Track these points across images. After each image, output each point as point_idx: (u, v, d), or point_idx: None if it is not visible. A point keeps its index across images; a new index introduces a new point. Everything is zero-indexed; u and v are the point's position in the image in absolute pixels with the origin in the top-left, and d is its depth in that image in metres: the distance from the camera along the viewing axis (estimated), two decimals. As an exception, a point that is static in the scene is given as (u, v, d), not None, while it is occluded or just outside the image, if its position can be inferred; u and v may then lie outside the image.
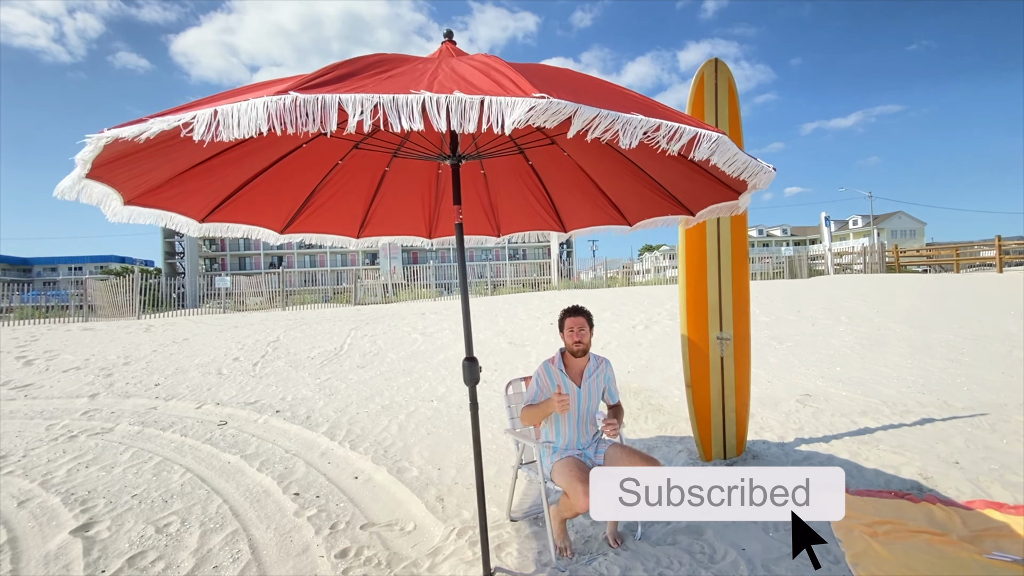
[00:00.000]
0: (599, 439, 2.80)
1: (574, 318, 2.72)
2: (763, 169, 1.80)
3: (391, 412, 5.29)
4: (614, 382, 2.86)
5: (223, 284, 19.59)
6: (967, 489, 3.17)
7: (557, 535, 2.59)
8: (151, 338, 9.58)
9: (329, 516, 3.13)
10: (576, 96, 1.33)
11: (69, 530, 2.99)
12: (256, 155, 2.41)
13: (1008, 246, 18.64)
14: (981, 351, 6.81)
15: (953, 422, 4.37)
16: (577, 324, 2.70)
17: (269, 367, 7.33)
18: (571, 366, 2.74)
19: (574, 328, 2.69)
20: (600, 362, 2.81)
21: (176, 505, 3.31)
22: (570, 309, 2.76)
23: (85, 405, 5.82)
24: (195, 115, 1.25)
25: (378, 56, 1.63)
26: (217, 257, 58.68)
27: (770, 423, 4.54)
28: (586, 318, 2.73)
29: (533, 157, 2.95)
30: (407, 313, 11.78)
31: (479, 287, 23.02)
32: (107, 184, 1.94)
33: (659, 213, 3.05)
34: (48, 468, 3.97)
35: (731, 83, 3.63)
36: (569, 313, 2.75)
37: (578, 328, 2.69)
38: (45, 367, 7.57)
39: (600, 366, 2.79)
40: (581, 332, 2.69)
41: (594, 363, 2.78)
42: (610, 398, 2.83)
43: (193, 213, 2.59)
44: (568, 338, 2.70)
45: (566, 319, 2.74)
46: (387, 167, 2.95)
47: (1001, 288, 11.99)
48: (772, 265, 23.11)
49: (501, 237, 3.66)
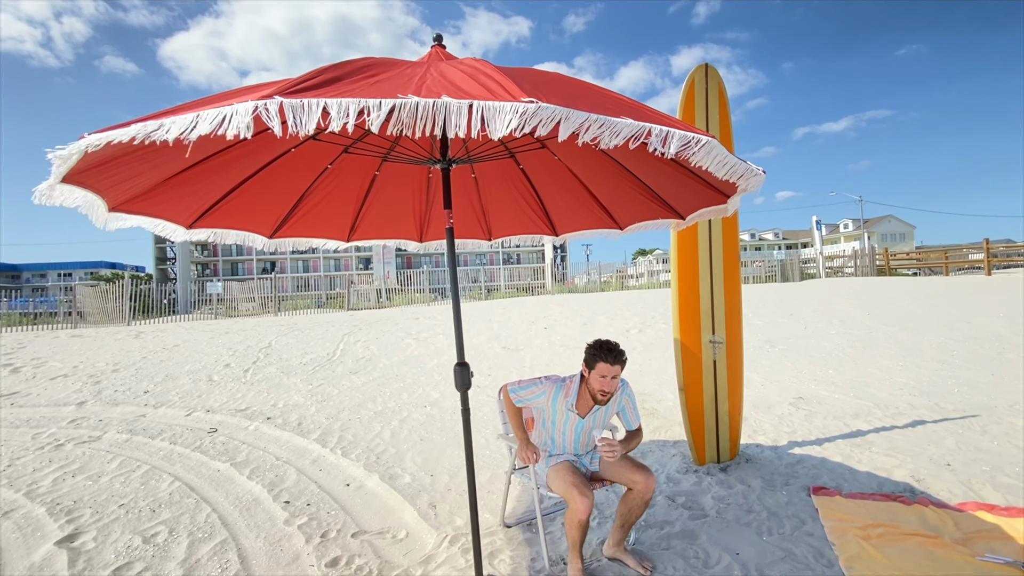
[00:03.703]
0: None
1: (611, 366, 2.28)
2: (752, 172, 1.80)
3: (384, 418, 5.25)
4: (632, 407, 2.53)
5: (215, 290, 19.42)
6: (959, 491, 3.18)
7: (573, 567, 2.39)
8: (141, 345, 9.47)
9: (320, 524, 3.09)
10: (565, 100, 1.33)
11: (54, 541, 2.93)
12: (244, 160, 2.38)
13: (996, 249, 18.89)
14: (971, 353, 6.87)
15: (944, 424, 4.40)
16: (612, 372, 2.29)
17: (260, 373, 7.26)
18: (583, 398, 2.46)
19: (607, 376, 2.29)
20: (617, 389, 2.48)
21: (164, 514, 3.25)
22: (607, 349, 2.28)
23: (72, 413, 5.73)
24: (176, 120, 1.24)
25: (366, 60, 1.62)
26: (209, 262, 58.25)
27: (763, 426, 4.55)
28: (623, 366, 2.32)
29: (524, 161, 2.95)
30: (401, 318, 11.74)
31: (473, 292, 23.00)
32: (90, 190, 1.91)
33: (649, 217, 3.05)
34: (34, 478, 3.89)
35: (721, 88, 3.66)
36: (607, 356, 2.28)
37: (611, 377, 2.29)
38: (32, 375, 7.45)
39: (615, 393, 2.45)
40: (613, 382, 2.31)
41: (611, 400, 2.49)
42: (626, 423, 2.53)
43: (180, 219, 2.56)
44: (596, 383, 2.32)
45: (601, 362, 2.28)
46: (377, 171, 2.94)
47: (990, 291, 12.13)
48: (764, 268, 23.26)
49: (492, 241, 3.65)
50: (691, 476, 3.54)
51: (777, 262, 23.19)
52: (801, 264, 22.99)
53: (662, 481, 3.50)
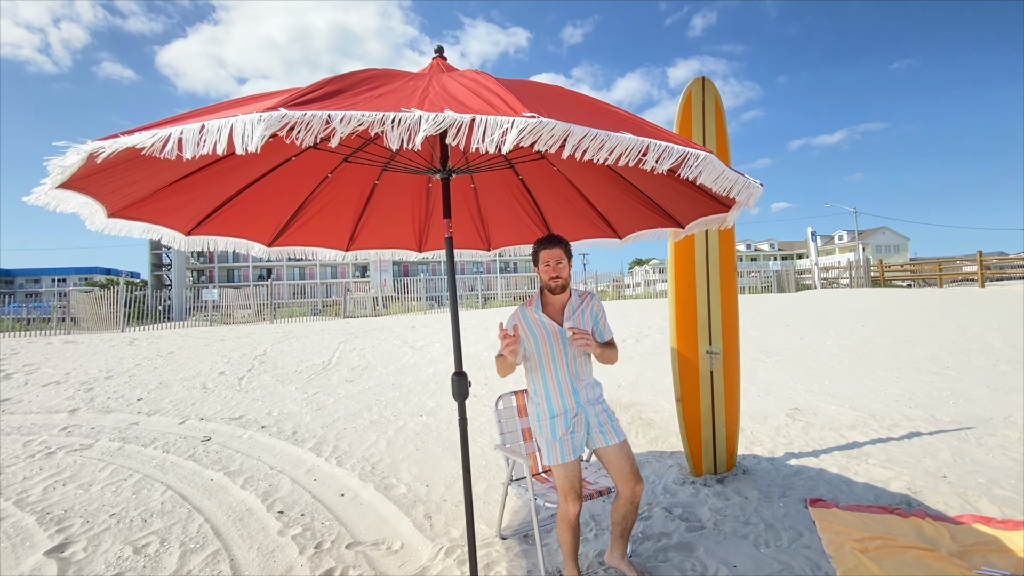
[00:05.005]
0: (600, 397, 2.47)
1: (549, 250, 2.36)
2: (750, 185, 1.82)
3: (379, 427, 5.22)
4: (603, 319, 2.49)
5: (210, 296, 19.34)
6: (955, 503, 3.18)
7: (568, 568, 2.44)
8: (135, 351, 9.40)
9: (314, 535, 3.05)
10: (566, 115, 1.34)
11: (43, 551, 2.88)
12: (244, 168, 2.39)
13: (989, 261, 19.06)
14: (966, 365, 6.90)
15: (940, 436, 4.41)
16: (553, 257, 2.35)
17: (255, 381, 7.22)
18: (550, 304, 2.43)
19: (550, 261, 2.35)
20: (585, 297, 2.48)
21: (156, 524, 3.21)
22: (544, 239, 2.40)
23: (64, 420, 5.67)
24: (182, 129, 1.24)
25: (369, 72, 1.64)
26: (205, 269, 58.05)
27: (760, 437, 4.54)
28: (563, 248, 2.38)
29: (523, 171, 2.97)
30: (397, 326, 11.71)
31: (470, 300, 22.98)
32: (90, 196, 1.92)
33: (649, 226, 3.06)
34: (24, 486, 3.84)
35: (718, 101, 3.70)
36: (543, 244, 2.38)
37: (555, 261, 2.35)
38: (24, 381, 7.38)
39: (585, 300, 2.46)
40: (559, 266, 2.36)
41: (577, 299, 2.45)
42: (599, 336, 2.46)
43: (179, 226, 2.57)
44: (544, 273, 2.37)
45: (540, 251, 2.38)
46: (377, 180, 2.95)
47: (983, 303, 12.22)
48: (760, 279, 23.38)
49: (491, 251, 3.66)
50: (688, 487, 3.53)
51: (773, 273, 23.33)
52: (797, 275, 23.11)
53: (659, 492, 3.48)
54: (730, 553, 2.68)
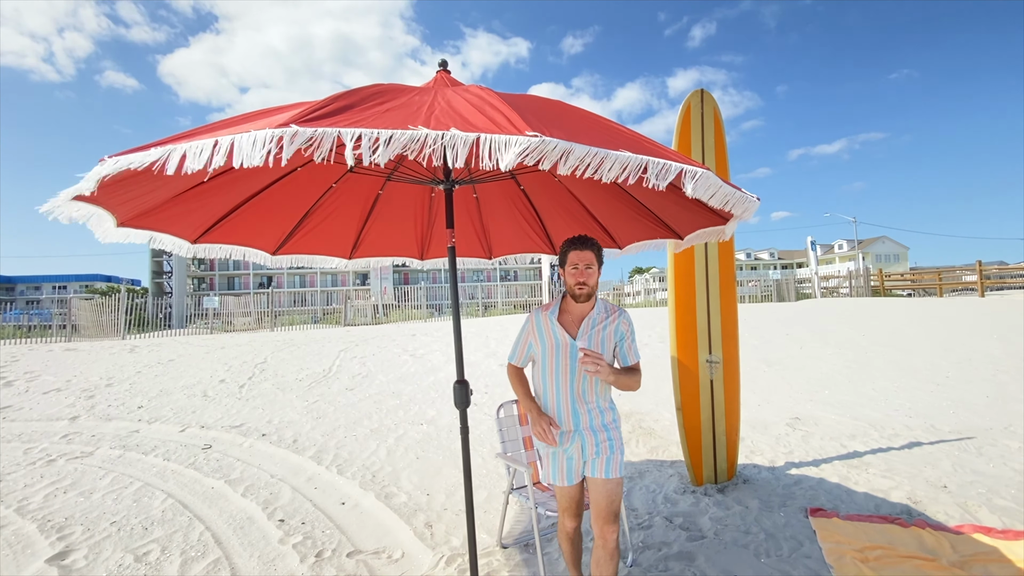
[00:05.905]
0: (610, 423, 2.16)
1: (580, 251, 2.09)
2: (747, 199, 1.86)
3: (380, 436, 5.22)
4: (630, 339, 2.17)
5: (211, 304, 19.37)
6: (955, 513, 3.19)
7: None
8: (136, 359, 9.41)
9: (315, 543, 3.06)
10: (567, 132, 1.38)
11: (44, 559, 2.89)
12: (250, 178, 2.44)
13: (989, 271, 19.09)
14: (966, 374, 6.91)
15: (940, 445, 4.41)
16: (584, 260, 2.08)
17: (256, 389, 7.22)
18: (569, 312, 2.17)
19: (579, 264, 2.08)
20: (612, 312, 2.19)
21: (156, 532, 3.22)
22: (575, 239, 2.12)
23: (65, 428, 5.68)
24: (201, 145, 1.28)
25: (376, 87, 1.68)
26: (206, 277, 58.10)
27: (760, 447, 4.55)
28: (595, 252, 2.11)
29: (524, 182, 3.01)
30: (397, 334, 11.72)
31: (471, 308, 22.99)
32: (101, 206, 1.96)
33: (648, 236, 3.10)
34: (24, 493, 3.85)
35: (716, 112, 3.76)
36: (574, 244, 2.11)
37: (584, 265, 2.08)
38: (25, 388, 7.39)
39: (612, 316, 2.17)
40: (587, 271, 2.09)
41: (602, 312, 2.16)
42: (622, 359, 2.17)
43: (186, 234, 2.60)
44: (570, 277, 2.10)
45: (570, 252, 2.11)
46: (380, 190, 3.00)
47: (983, 312, 12.23)
48: (760, 288, 23.41)
49: (493, 259, 3.70)
50: (688, 497, 3.53)
51: (773, 282, 23.36)
52: (796, 284, 23.15)
53: (660, 502, 3.49)
54: (731, 563, 2.68)
